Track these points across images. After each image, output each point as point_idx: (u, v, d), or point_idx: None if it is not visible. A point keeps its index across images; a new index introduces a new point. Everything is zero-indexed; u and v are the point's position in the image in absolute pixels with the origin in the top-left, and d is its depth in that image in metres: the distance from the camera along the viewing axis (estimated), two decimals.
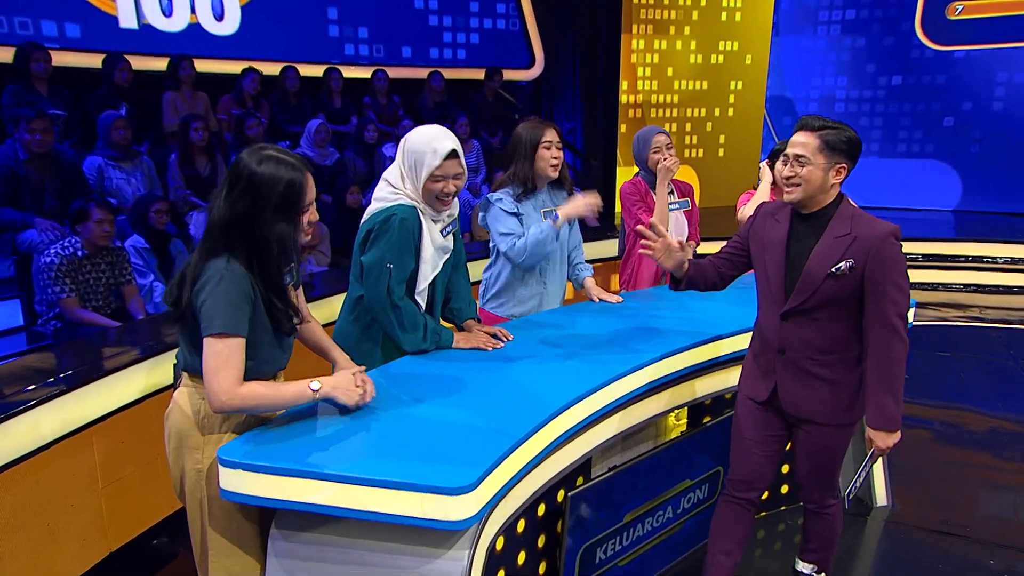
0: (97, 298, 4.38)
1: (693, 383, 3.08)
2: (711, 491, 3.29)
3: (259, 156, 2.04)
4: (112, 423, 3.27)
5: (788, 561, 3.08)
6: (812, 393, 2.62)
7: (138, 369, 3.42)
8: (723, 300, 3.21)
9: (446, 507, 1.87)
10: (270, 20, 7.82)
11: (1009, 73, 9.16)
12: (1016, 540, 3.46)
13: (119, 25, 7.11)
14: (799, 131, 2.54)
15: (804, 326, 2.59)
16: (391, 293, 2.66)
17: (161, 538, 3.52)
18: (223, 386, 1.99)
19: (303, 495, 1.96)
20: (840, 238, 2.49)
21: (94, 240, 4.29)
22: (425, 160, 2.63)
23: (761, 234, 2.71)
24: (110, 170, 5.52)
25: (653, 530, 3.05)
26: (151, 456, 3.46)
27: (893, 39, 9.36)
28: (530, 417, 2.25)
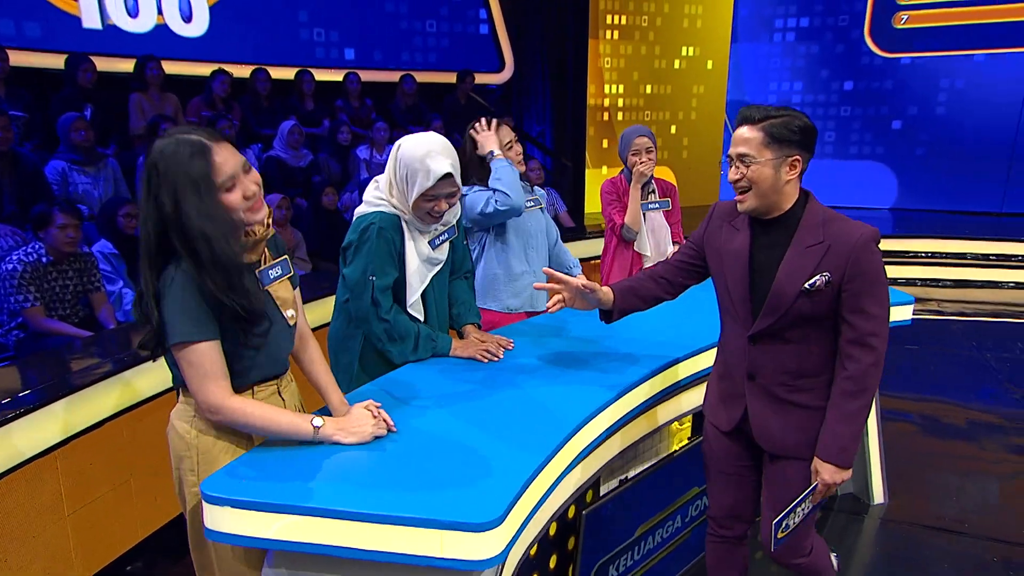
0: (64, 306, 3.92)
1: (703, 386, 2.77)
2: None
3: (163, 142, 1.70)
4: (80, 444, 2.85)
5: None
6: (789, 423, 2.15)
7: (109, 384, 2.98)
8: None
9: (470, 545, 1.52)
10: (239, 23, 7.34)
11: (951, 79, 9.14)
12: (1011, 534, 3.31)
13: (82, 25, 6.57)
14: (739, 125, 2.07)
15: (776, 349, 2.13)
16: (377, 305, 2.36)
17: (136, 563, 3.09)
18: (211, 398, 1.74)
19: (301, 534, 1.59)
20: (811, 247, 2.02)
21: (58, 246, 3.82)
22: (417, 179, 2.32)
23: (717, 243, 2.23)
24: (75, 175, 5.03)
25: (663, 541, 2.78)
26: (124, 477, 3.04)
27: (844, 46, 9.26)
28: (549, 435, 1.91)
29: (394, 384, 2.25)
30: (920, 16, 9.11)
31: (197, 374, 1.72)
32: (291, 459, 1.77)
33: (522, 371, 2.37)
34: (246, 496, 1.61)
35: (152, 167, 1.68)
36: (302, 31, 7.69)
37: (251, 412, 1.77)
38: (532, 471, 1.72)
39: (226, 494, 1.61)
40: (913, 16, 9.13)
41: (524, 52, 8.49)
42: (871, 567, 3.19)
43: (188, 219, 1.65)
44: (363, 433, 1.87)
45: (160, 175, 1.66)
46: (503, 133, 3.11)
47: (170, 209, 1.66)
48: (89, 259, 4.05)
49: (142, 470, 3.11)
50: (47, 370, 3.04)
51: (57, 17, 6.43)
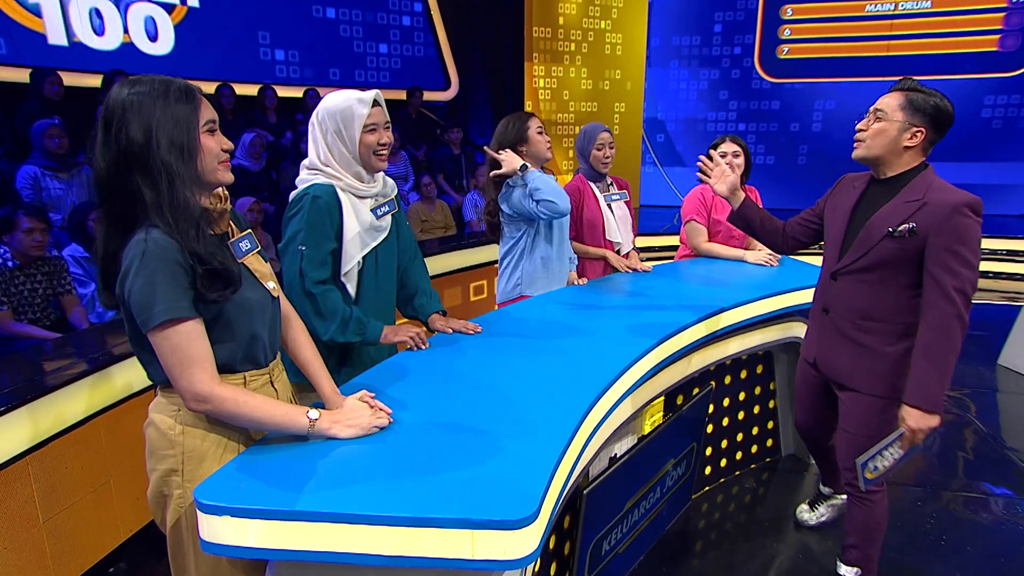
0: (34, 310, 3.37)
1: (691, 358, 2.58)
2: (687, 466, 2.78)
3: (136, 84, 1.34)
4: (53, 448, 2.37)
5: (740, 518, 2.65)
6: (850, 357, 2.12)
7: (82, 385, 2.51)
8: (685, 294, 2.68)
9: (505, 544, 1.21)
10: (204, 43, 6.69)
11: (824, 101, 9.25)
12: (929, 481, 3.24)
13: (48, 42, 5.87)
14: (892, 91, 2.02)
15: (851, 288, 2.10)
16: (303, 276, 1.95)
17: (119, 564, 2.63)
18: (197, 385, 1.35)
19: (314, 543, 1.24)
20: (910, 202, 1.96)
21: (24, 250, 3.29)
22: (354, 113, 1.95)
23: (836, 200, 2.23)
24: (47, 180, 4.41)
25: (645, 513, 2.52)
26: (103, 479, 2.57)
27: (739, 72, 9.24)
28: (562, 420, 1.58)
29: (386, 374, 1.87)
30: (797, 49, 9.17)
31: (181, 359, 1.33)
32: (291, 460, 1.40)
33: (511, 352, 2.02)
34: (248, 503, 1.24)
35: (120, 105, 1.31)
36: (263, 51, 7.12)
37: (244, 401, 1.39)
38: (555, 460, 1.40)
39: (224, 502, 1.24)
40: (792, 48, 9.18)
41: (468, 72, 8.13)
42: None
43: (157, 152, 1.30)
44: (361, 425, 1.50)
45: (132, 111, 1.30)
46: (536, 121, 2.86)
47: (140, 142, 1.29)
48: (59, 263, 3.52)
49: (122, 471, 2.65)
50: (15, 372, 2.54)
51: (22, 34, 5.71)
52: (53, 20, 5.87)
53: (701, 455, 2.91)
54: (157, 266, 1.29)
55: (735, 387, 3.09)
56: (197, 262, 1.33)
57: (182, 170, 1.33)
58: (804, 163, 9.34)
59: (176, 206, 1.32)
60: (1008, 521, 2.96)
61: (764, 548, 2.74)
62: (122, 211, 1.34)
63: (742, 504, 3.05)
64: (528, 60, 7.71)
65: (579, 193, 3.26)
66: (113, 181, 1.32)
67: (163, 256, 1.30)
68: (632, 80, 8.65)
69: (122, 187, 1.32)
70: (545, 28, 7.82)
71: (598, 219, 3.24)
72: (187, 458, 1.44)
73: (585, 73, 8.22)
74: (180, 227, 1.32)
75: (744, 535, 2.82)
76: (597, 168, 3.25)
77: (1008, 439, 3.75)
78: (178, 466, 1.45)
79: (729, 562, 2.65)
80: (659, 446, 2.47)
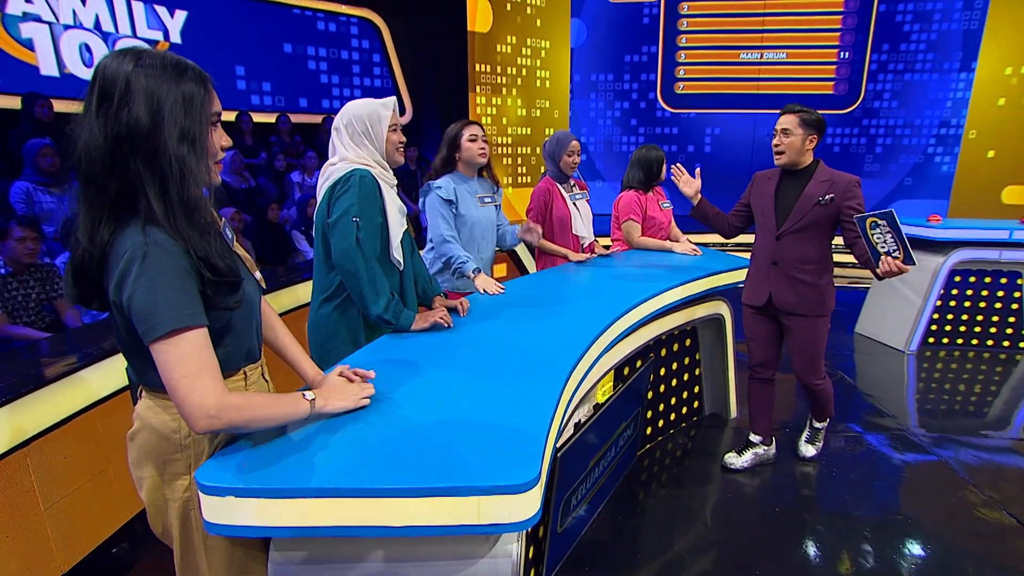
0: (28, 314, 3.01)
1: (636, 334, 2.47)
2: (634, 429, 2.68)
3: (142, 57, 1.01)
4: (52, 439, 2.08)
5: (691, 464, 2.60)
6: (797, 292, 2.54)
7: (77, 379, 2.22)
8: (631, 279, 2.63)
9: (510, 507, 1.06)
10: None
11: (712, 128, 9.41)
12: (794, 424, 3.23)
13: (40, 72, 5.34)
14: (785, 113, 2.50)
15: (792, 243, 2.52)
16: (360, 245, 1.78)
17: (121, 545, 2.34)
18: (208, 399, 1.01)
19: (322, 518, 1.05)
20: (823, 182, 2.47)
21: (17, 257, 2.93)
22: (381, 115, 1.89)
23: (759, 190, 2.67)
24: (39, 194, 3.97)
25: (603, 470, 2.44)
26: (101, 466, 2.28)
27: (645, 103, 9.30)
28: (545, 392, 1.43)
29: (358, 361, 1.66)
30: (690, 86, 9.30)
31: (189, 370, 1.00)
32: (292, 438, 1.20)
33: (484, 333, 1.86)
34: (251, 483, 1.04)
35: (123, 77, 0.98)
36: (240, 82, 6.70)
37: (255, 404, 1.10)
38: (546, 428, 1.26)
39: (226, 483, 1.04)
40: (686, 85, 9.31)
41: (420, 101, 7.88)
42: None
43: (167, 140, 0.99)
44: (351, 397, 1.28)
45: (138, 88, 0.98)
46: (473, 128, 2.63)
47: (146, 126, 0.98)
48: (51, 269, 3.15)
49: (120, 457, 2.34)
50: (11, 368, 2.21)
51: (14, 65, 5.17)
52: (45, 53, 5.35)
53: (643, 418, 2.84)
54: (161, 269, 0.98)
55: (669, 359, 3.03)
56: (205, 267, 1.04)
57: (193, 163, 1.03)
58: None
59: (188, 203, 1.02)
60: (875, 451, 3.07)
61: (699, 491, 2.69)
62: (114, 198, 1.01)
63: (675, 457, 2.99)
64: (471, 91, 7.53)
65: (548, 194, 3.14)
66: (107, 162, 0.99)
67: (168, 259, 0.99)
68: (559, 109, 8.61)
69: (118, 171, 1.00)
70: (485, 65, 7.67)
71: (566, 216, 3.13)
72: (198, 458, 1.17)
73: (520, 103, 8.11)
74: (189, 227, 1.03)
75: (681, 482, 2.77)
76: (566, 171, 3.15)
77: (866, 388, 3.89)
78: (187, 468, 1.17)
79: (672, 505, 2.59)
80: (613, 412, 2.37)
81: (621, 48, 9.15)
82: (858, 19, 8.74)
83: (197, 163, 1.04)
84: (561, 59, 8.55)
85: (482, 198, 2.69)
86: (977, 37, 8.35)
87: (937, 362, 4.43)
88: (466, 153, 2.62)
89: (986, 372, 4.22)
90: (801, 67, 8.93)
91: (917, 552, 2.29)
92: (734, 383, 3.36)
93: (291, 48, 7.01)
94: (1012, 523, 2.47)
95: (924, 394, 3.84)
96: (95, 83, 1.00)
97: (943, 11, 8.44)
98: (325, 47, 7.27)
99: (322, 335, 1.95)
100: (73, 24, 5.49)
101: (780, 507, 2.58)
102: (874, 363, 4.38)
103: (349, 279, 1.81)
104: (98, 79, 1.00)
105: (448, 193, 2.55)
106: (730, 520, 2.48)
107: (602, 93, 9.30)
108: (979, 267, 4.56)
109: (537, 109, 8.32)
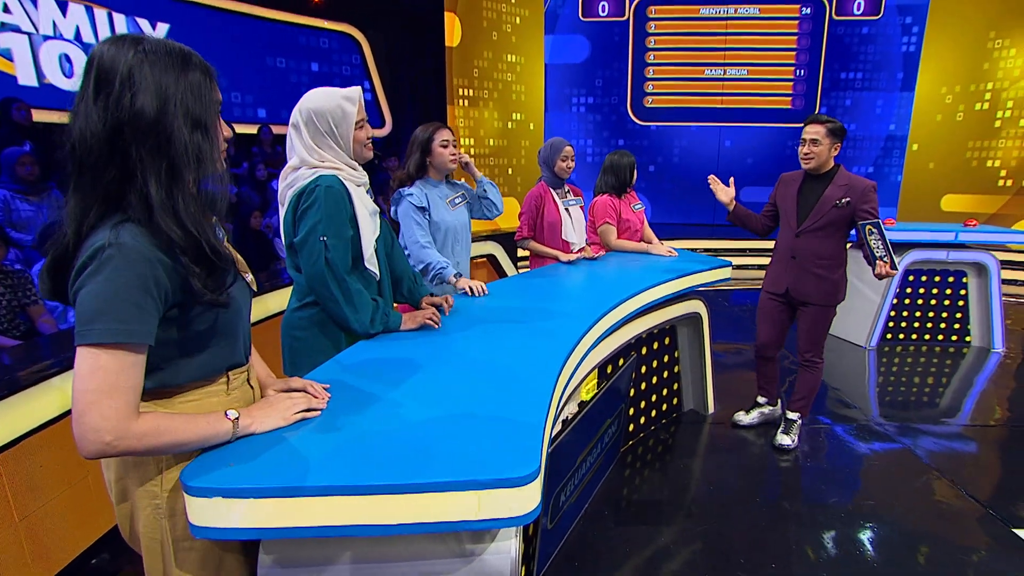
0: (0, 322, 2.83)
1: (618, 332, 2.42)
2: (618, 426, 2.63)
3: (131, 39, 0.94)
4: (25, 447, 1.93)
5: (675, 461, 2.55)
6: (812, 283, 2.69)
7: (51, 385, 2.06)
8: (613, 278, 2.58)
9: (510, 501, 0.99)
10: None
11: (679, 140, 9.52)
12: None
13: (18, 83, 5.11)
14: (811, 124, 2.63)
15: (811, 240, 2.67)
16: (331, 266, 1.62)
17: (101, 555, 2.19)
18: (107, 423, 0.87)
19: (316, 517, 0.96)
20: (841, 186, 2.61)
21: None
22: (346, 111, 1.66)
23: (783, 191, 2.83)
24: (17, 202, 3.78)
25: (590, 466, 2.37)
26: (80, 474, 2.13)
27: (616, 117, 9.36)
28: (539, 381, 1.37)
29: (344, 360, 1.56)
30: (658, 100, 9.40)
31: (98, 386, 0.87)
32: (276, 436, 1.10)
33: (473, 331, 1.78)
34: (243, 483, 0.95)
35: (125, 64, 0.90)
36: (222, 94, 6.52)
37: (164, 430, 0.94)
38: (542, 423, 1.19)
39: (213, 483, 0.95)
40: (655, 100, 9.40)
41: (400, 113, 7.79)
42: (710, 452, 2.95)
43: (180, 128, 0.91)
44: (283, 414, 1.13)
45: (141, 76, 0.90)
46: (444, 133, 2.47)
47: (152, 112, 0.90)
48: (22, 275, 2.96)
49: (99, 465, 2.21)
50: None
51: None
52: (24, 63, 5.12)
53: (626, 415, 2.79)
54: (116, 276, 0.87)
55: (649, 357, 2.99)
56: (210, 252, 0.95)
57: (208, 150, 0.96)
58: (668, 187, 9.58)
59: (203, 193, 0.96)
60: (845, 440, 3.09)
61: (682, 485, 2.65)
62: (108, 188, 0.92)
63: (657, 453, 2.94)
64: (450, 104, 7.48)
65: (540, 199, 3.08)
66: (105, 150, 0.90)
67: (127, 268, 0.88)
68: (534, 121, 8.61)
69: (117, 159, 0.91)
70: (463, 79, 7.63)
71: (557, 221, 3.07)
72: (169, 460, 1.05)
73: (496, 115, 8.08)
74: (198, 213, 0.95)
75: (664, 476, 2.72)
76: (560, 175, 3.09)
77: (832, 382, 3.92)
78: (157, 471, 1.04)
79: (656, 498, 2.53)
80: (598, 409, 2.31)
81: (593, 64, 9.21)
82: (811, 40, 8.95)
83: (211, 150, 0.98)
84: (536, 75, 8.55)
85: (452, 200, 2.57)
86: (915, 59, 8.63)
87: (895, 357, 4.50)
88: (437, 159, 2.47)
89: (937, 365, 4.30)
90: (761, 83, 9.10)
91: (887, 535, 2.29)
92: (711, 380, 3.33)
93: (273, 61, 6.86)
94: (973, 505, 2.49)
95: (884, 387, 3.88)
96: (91, 69, 0.92)
97: (886, 35, 8.70)
98: (307, 61, 7.14)
99: (294, 337, 1.79)
100: (53, 35, 5.28)
101: (760, 497, 2.55)
102: (838, 359, 4.42)
103: (326, 303, 1.67)
104: (94, 65, 0.92)
105: (420, 200, 2.42)
106: (712, 512, 2.44)
107: (575, 107, 9.34)
108: (930, 267, 4.65)
109: (513, 121, 8.31)
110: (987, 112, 8.17)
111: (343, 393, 1.32)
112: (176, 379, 1.04)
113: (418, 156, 2.47)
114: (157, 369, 1.00)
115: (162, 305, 0.94)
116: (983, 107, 8.20)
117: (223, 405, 1.10)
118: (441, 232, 2.51)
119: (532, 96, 8.52)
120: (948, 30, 8.31)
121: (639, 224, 3.49)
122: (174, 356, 1.02)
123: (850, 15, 8.73)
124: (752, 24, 8.91)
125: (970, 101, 8.30)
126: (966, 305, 4.68)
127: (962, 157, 8.41)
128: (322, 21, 7.15)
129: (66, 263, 0.94)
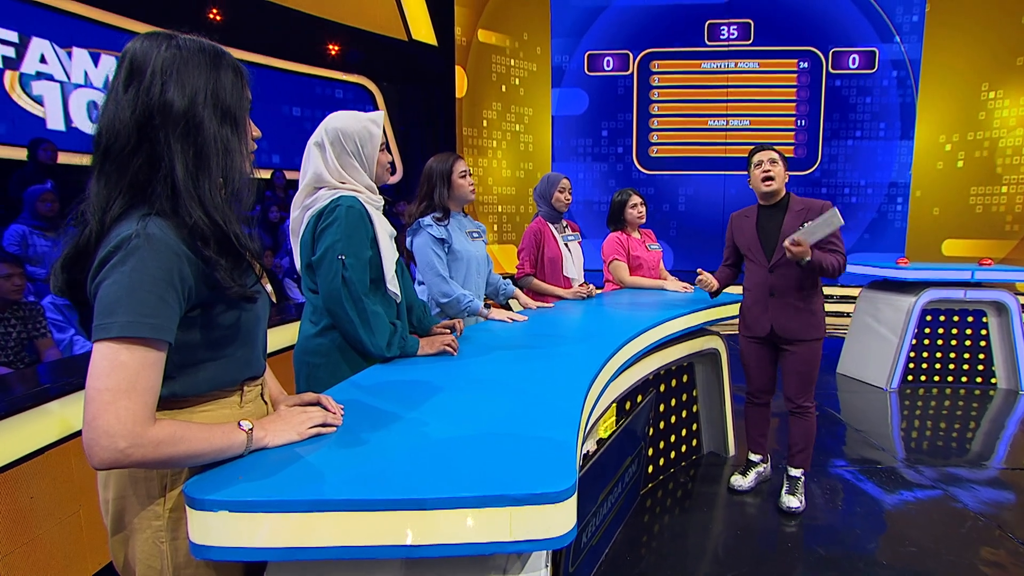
0: (7, 353, 2.77)
1: (634, 368, 2.30)
2: (640, 465, 2.50)
3: (164, 36, 0.92)
4: (16, 475, 1.83)
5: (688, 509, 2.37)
6: (796, 319, 2.52)
7: (47, 410, 1.96)
8: (631, 312, 2.55)
9: (546, 521, 0.87)
10: None
11: (686, 188, 9.62)
12: (816, 462, 3.14)
13: (46, 126, 5.26)
14: (763, 151, 2.55)
15: (787, 272, 2.49)
16: (348, 285, 1.56)
17: None
18: (123, 426, 0.79)
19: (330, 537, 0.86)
20: (799, 211, 2.49)
21: (4, 295, 2.73)
22: (372, 133, 1.67)
23: (738, 228, 2.68)
24: (35, 238, 3.80)
25: (611, 507, 2.23)
26: (72, 508, 2.01)
27: (622, 166, 9.51)
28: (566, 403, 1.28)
29: (362, 382, 1.48)
30: (664, 149, 9.58)
31: (117, 384, 0.80)
32: (289, 450, 1.01)
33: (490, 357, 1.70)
34: (252, 495, 0.85)
35: (158, 60, 0.89)
36: None
37: (181, 438, 0.86)
38: (575, 432, 1.10)
39: (221, 496, 0.85)
40: (660, 149, 9.57)
41: (411, 162, 7.95)
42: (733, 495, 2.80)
43: (209, 119, 0.89)
44: (297, 428, 1.04)
45: (172, 64, 0.89)
46: (462, 164, 2.46)
47: (182, 103, 0.88)
48: (34, 308, 2.93)
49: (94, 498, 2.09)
50: None
51: (23, 118, 5.10)
52: (54, 109, 5.31)
53: (645, 455, 2.66)
54: (142, 268, 0.83)
55: (667, 394, 2.89)
56: (236, 241, 0.92)
57: (236, 144, 0.94)
58: (674, 235, 9.62)
59: (234, 182, 0.93)
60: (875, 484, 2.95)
61: (706, 529, 2.49)
62: (135, 176, 0.89)
63: (676, 497, 2.79)
64: (460, 153, 7.67)
65: (540, 234, 3.04)
66: (134, 137, 0.88)
67: (154, 259, 0.84)
68: (541, 170, 8.75)
69: (145, 146, 0.89)
70: (473, 128, 7.82)
71: (558, 257, 3.02)
72: (175, 479, 0.97)
73: (505, 164, 8.24)
74: (225, 204, 0.92)
75: (687, 520, 2.56)
76: (558, 208, 3.06)
77: (854, 423, 3.77)
78: (162, 490, 0.96)
79: (681, 542, 2.37)
80: (618, 447, 2.21)
81: (599, 115, 9.44)
82: (810, 92, 9.19)
83: (239, 144, 0.96)
84: (543, 125, 8.77)
85: (471, 233, 2.52)
86: (912, 109, 8.83)
87: (918, 399, 4.35)
88: (458, 191, 2.42)
89: (963, 407, 4.15)
90: (764, 133, 9.27)
91: None
92: (732, 421, 3.20)
93: (289, 110, 7.07)
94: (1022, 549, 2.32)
95: (909, 430, 3.73)
96: (123, 63, 0.91)
97: (882, 88, 8.93)
98: (321, 109, 7.34)
99: (312, 364, 1.70)
100: (84, 84, 5.46)
101: (792, 543, 2.39)
102: (859, 401, 4.28)
103: (341, 324, 1.61)
104: (127, 59, 0.91)
105: (440, 232, 2.35)
106: (744, 559, 2.28)
107: (582, 156, 9.50)
108: (947, 306, 4.56)
109: (521, 170, 8.45)
110: (987, 159, 8.27)
111: (360, 411, 1.24)
112: (190, 389, 0.97)
113: (445, 189, 2.41)
114: (170, 378, 0.93)
115: (184, 302, 0.89)
116: (983, 155, 8.30)
117: (235, 419, 1.02)
118: (463, 263, 2.43)
119: (540, 146, 8.72)
120: (942, 83, 8.53)
121: (654, 263, 3.46)
122: (191, 362, 0.96)
123: (846, 69, 8.98)
124: (752, 77, 9.17)
125: (969, 149, 8.41)
126: (988, 346, 4.56)
127: (966, 203, 8.45)
128: (338, 73, 7.40)
129: (86, 256, 0.90)
